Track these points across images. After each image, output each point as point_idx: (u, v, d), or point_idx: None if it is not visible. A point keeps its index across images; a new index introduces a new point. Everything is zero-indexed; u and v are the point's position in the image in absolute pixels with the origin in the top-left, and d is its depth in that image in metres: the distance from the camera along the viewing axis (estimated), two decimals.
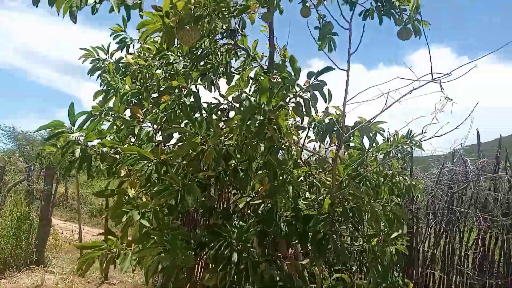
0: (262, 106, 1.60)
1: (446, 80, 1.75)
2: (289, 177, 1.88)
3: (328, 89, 1.86)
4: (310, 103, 1.78)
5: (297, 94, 1.69)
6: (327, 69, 1.83)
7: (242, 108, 1.69)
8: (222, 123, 2.17)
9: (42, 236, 7.68)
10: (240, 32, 2.59)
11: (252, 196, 2.48)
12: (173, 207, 1.66)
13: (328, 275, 2.78)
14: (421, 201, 4.97)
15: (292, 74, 1.79)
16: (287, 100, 1.75)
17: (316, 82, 1.80)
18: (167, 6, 1.72)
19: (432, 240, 4.73)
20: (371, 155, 2.50)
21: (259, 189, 1.99)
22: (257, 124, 1.57)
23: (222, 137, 1.75)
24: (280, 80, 1.79)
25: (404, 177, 2.84)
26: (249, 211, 2.37)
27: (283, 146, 1.87)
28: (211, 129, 1.68)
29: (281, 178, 1.86)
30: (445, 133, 1.89)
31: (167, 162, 1.71)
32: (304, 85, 1.77)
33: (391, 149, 2.68)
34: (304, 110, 1.74)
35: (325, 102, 1.88)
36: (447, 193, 4.73)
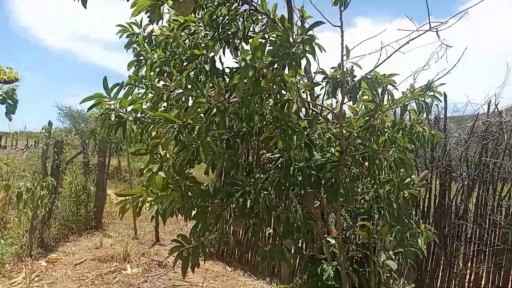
0: (253, 64, 1.78)
1: (443, 28, 1.84)
2: (293, 128, 2.07)
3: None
4: (299, 57, 1.91)
5: (289, 51, 1.83)
6: (317, 23, 1.97)
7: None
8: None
9: (99, 204, 8.45)
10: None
11: (272, 151, 2.71)
12: (191, 161, 1.92)
13: (352, 223, 3.00)
14: (455, 154, 4.98)
15: (288, 31, 1.93)
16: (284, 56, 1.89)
17: (306, 37, 1.94)
18: None
19: (464, 192, 4.77)
20: (385, 107, 2.63)
21: (270, 143, 2.21)
22: (253, 80, 1.77)
23: (227, 95, 1.97)
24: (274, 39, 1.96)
25: (424, 127, 2.94)
26: (270, 165, 2.61)
27: (287, 100, 2.05)
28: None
29: (287, 129, 2.05)
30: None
31: (187, 125, 1.97)
32: (295, 40, 1.91)
33: (408, 101, 2.78)
34: (296, 64, 1.89)
35: (313, 56, 2.01)
36: (481, 145, 4.71)
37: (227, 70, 2.79)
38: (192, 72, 2.48)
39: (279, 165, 2.44)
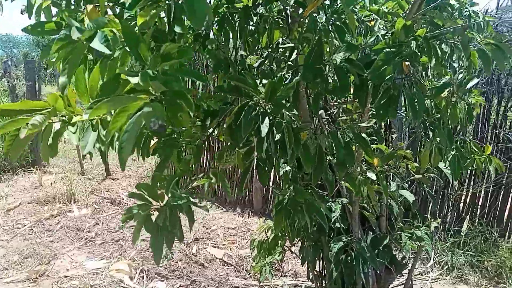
0: None
1: None
2: None
3: None
4: None
5: None
6: None
7: None
8: None
9: (35, 136, 7.19)
10: None
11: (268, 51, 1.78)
12: (163, 33, 0.98)
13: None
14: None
15: None
16: None
17: None
18: None
19: None
20: None
21: (307, 11, 1.29)
22: None
23: None
24: None
25: (476, 11, 2.26)
26: (272, 66, 1.70)
27: None
28: None
29: None
30: None
31: None
32: None
33: None
34: None
35: None
36: None
37: None
38: None
39: (294, 61, 1.53)
